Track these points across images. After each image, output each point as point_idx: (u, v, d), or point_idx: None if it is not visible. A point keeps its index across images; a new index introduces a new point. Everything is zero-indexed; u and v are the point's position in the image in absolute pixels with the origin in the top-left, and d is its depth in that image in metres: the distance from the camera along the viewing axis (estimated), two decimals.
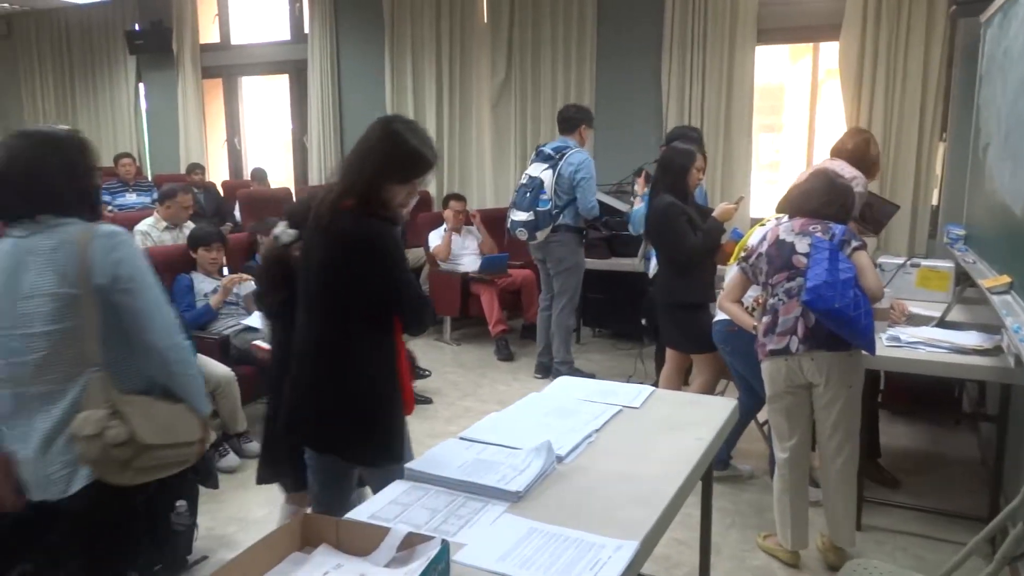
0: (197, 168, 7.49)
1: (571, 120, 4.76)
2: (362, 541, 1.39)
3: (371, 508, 1.59)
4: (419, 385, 4.65)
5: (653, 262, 3.90)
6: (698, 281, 3.49)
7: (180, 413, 1.94)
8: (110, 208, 6.57)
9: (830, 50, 5.78)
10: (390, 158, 1.95)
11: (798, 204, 2.72)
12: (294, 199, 7.29)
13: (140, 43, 9.20)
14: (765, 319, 2.68)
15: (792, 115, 6.52)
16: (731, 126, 5.97)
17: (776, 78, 6.54)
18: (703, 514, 2.23)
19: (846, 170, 3.54)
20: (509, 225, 4.77)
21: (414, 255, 6.13)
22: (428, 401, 4.51)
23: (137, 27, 9.23)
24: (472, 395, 4.68)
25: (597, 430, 1.99)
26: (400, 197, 1.99)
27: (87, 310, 1.78)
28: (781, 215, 3.16)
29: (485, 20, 6.91)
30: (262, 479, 2.65)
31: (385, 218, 1.97)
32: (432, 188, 7.37)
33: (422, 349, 5.43)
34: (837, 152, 3.72)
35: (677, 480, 1.70)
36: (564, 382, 2.41)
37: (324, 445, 2.08)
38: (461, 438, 1.94)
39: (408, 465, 1.75)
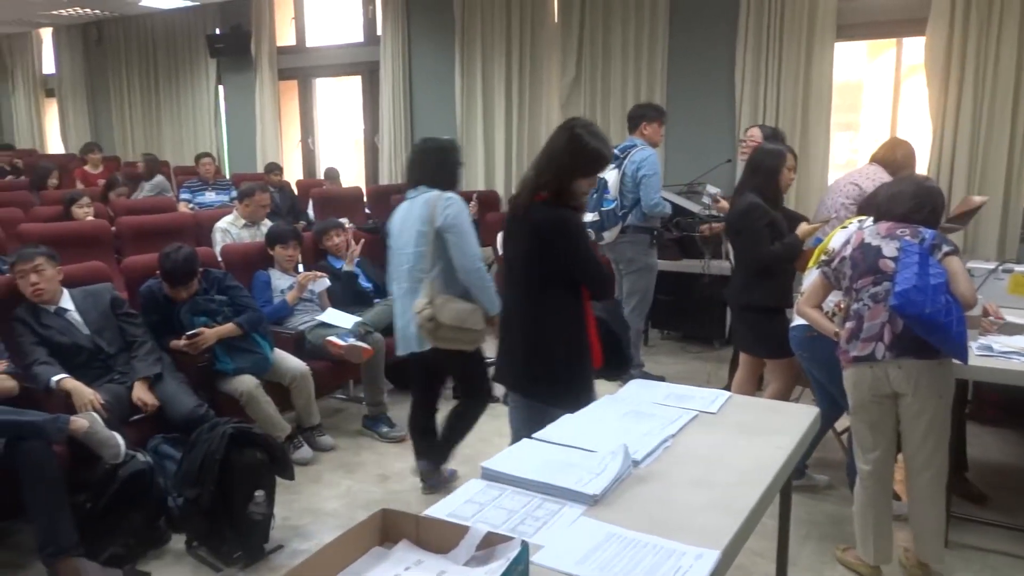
0: (275, 168, 7.69)
1: (633, 119, 4.70)
2: (441, 539, 1.40)
3: (448, 506, 1.60)
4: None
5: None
6: (776, 284, 3.39)
7: (472, 310, 3.01)
8: (191, 206, 6.81)
9: (914, 45, 5.56)
10: (575, 157, 2.38)
11: (886, 208, 2.62)
12: (365, 198, 7.42)
13: (220, 47, 9.52)
14: (849, 325, 2.59)
15: (871, 113, 6.31)
16: (808, 125, 5.81)
17: (854, 75, 6.33)
18: (780, 524, 2.18)
19: (881, 176, 3.50)
20: None
21: (483, 254, 6.15)
22: (495, 399, 4.51)
23: (218, 31, 9.56)
24: None
25: (673, 435, 1.95)
26: (584, 188, 2.46)
27: (431, 240, 3.00)
28: (863, 218, 3.06)
29: (556, 20, 6.90)
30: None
31: (573, 207, 2.45)
32: (500, 187, 7.40)
33: (489, 347, 5.43)
34: (880, 159, 3.66)
35: (758, 488, 1.66)
36: (638, 385, 2.38)
37: (526, 390, 2.57)
38: (536, 439, 1.93)
39: (484, 464, 1.76)
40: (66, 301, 3.34)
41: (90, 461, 2.83)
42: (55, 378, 3.03)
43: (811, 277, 3.10)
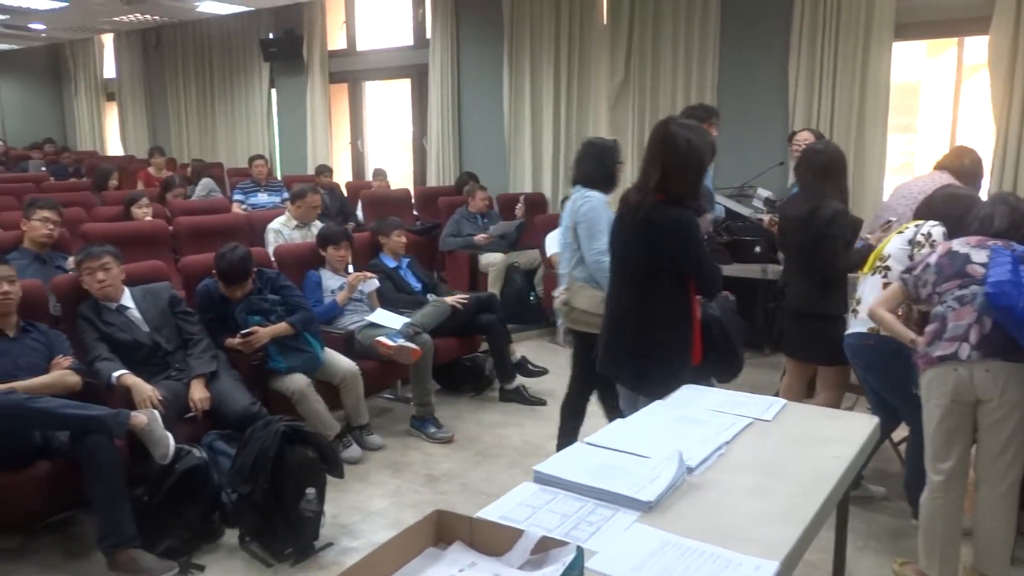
0: (325, 170, 7.80)
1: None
2: (495, 541, 1.40)
3: (500, 508, 1.60)
4: (532, 385, 4.67)
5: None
6: (838, 292, 3.29)
7: (602, 298, 3.02)
8: (244, 207, 6.96)
9: (976, 44, 5.39)
10: (679, 157, 2.45)
11: (979, 227, 2.57)
12: (413, 200, 7.49)
13: (273, 51, 9.71)
14: (931, 327, 2.52)
15: (929, 115, 6.13)
16: (864, 127, 5.68)
17: (912, 75, 6.16)
18: (837, 536, 2.13)
19: (945, 180, 3.41)
20: None
21: (528, 257, 6.17)
22: (542, 403, 4.52)
23: (271, 36, 9.75)
24: None
25: (728, 442, 1.92)
26: (697, 184, 2.53)
27: (572, 234, 3.30)
28: (919, 223, 2.98)
29: (605, 21, 6.87)
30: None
31: (688, 206, 2.51)
32: (547, 189, 7.40)
33: (535, 350, 5.45)
34: (946, 166, 3.56)
35: (817, 498, 1.63)
36: (690, 391, 2.35)
37: (632, 383, 2.68)
38: (588, 443, 1.92)
39: (536, 468, 1.75)
40: (127, 299, 3.44)
41: (148, 456, 2.90)
42: (116, 374, 3.12)
43: (869, 282, 3.03)
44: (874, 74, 5.58)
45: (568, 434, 3.46)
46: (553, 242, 5.77)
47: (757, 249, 5.06)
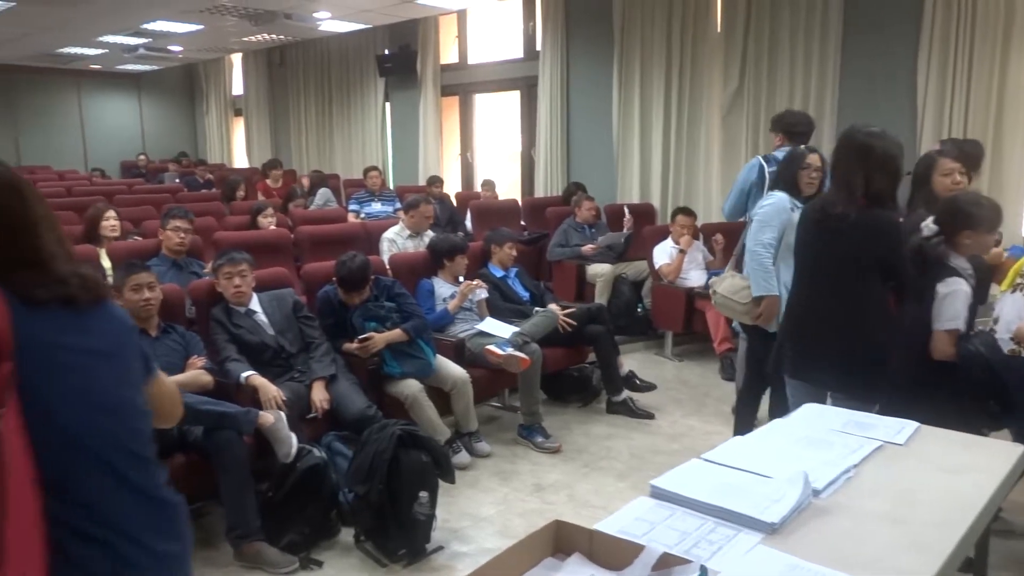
0: (436, 180, 7.99)
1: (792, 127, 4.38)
2: (614, 555, 1.40)
3: (618, 522, 1.59)
4: (640, 399, 4.61)
5: None
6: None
7: (744, 287, 3.48)
8: (361, 216, 7.22)
9: None
10: (880, 164, 2.55)
11: None
12: (521, 211, 7.56)
13: (389, 66, 10.06)
14: None
15: None
16: (1001, 136, 5.31)
17: None
18: (976, 569, 1.99)
19: None
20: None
21: (636, 268, 6.10)
22: (650, 416, 4.46)
23: (387, 51, 10.10)
24: (696, 414, 4.55)
25: (856, 465, 1.84)
26: (895, 186, 2.61)
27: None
28: None
29: (719, 29, 6.73)
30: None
31: (889, 208, 2.60)
32: (656, 200, 7.31)
33: (642, 363, 5.38)
34: None
35: (958, 529, 1.53)
36: (813, 410, 2.26)
37: (823, 381, 2.74)
38: (706, 460, 1.88)
39: (653, 483, 1.73)
40: (255, 303, 3.64)
41: (273, 453, 3.05)
42: (244, 374, 3.30)
43: (1009, 300, 2.84)
44: (1014, 79, 5.22)
45: (740, 429, 3.62)
46: (663, 253, 5.70)
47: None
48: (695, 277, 5.60)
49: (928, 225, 2.77)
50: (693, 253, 5.67)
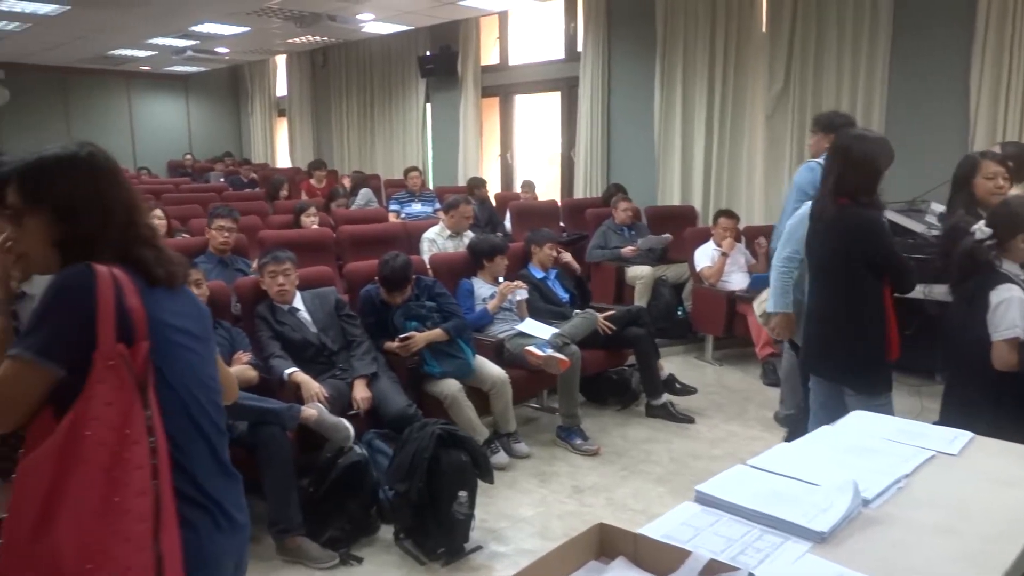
0: (480, 182, 7.99)
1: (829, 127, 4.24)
2: (660, 560, 1.38)
3: (662, 527, 1.57)
4: (680, 404, 4.57)
5: None
6: None
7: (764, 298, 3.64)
8: (402, 216, 7.28)
9: None
10: (855, 164, 2.67)
11: None
12: (560, 212, 7.55)
13: (430, 67, 10.11)
14: None
15: None
16: None
17: None
18: None
19: None
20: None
21: (676, 271, 6.04)
22: (690, 420, 4.41)
23: (428, 53, 10.16)
24: (737, 419, 4.49)
25: (907, 475, 1.79)
26: (871, 185, 2.68)
27: None
28: None
29: (764, 29, 6.64)
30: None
31: (872, 206, 2.69)
32: (697, 202, 7.24)
33: (682, 367, 5.33)
34: None
35: (1016, 543, 1.48)
36: (861, 417, 2.21)
37: (830, 375, 2.85)
38: (751, 465, 1.85)
39: (698, 488, 1.71)
40: (298, 301, 3.69)
41: (314, 449, 3.09)
42: (287, 371, 3.35)
43: None
44: None
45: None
46: (704, 256, 5.64)
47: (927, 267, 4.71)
48: (737, 280, 5.53)
49: (981, 228, 2.70)
50: (735, 256, 5.61)
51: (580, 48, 8.24)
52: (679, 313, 5.90)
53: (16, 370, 1.28)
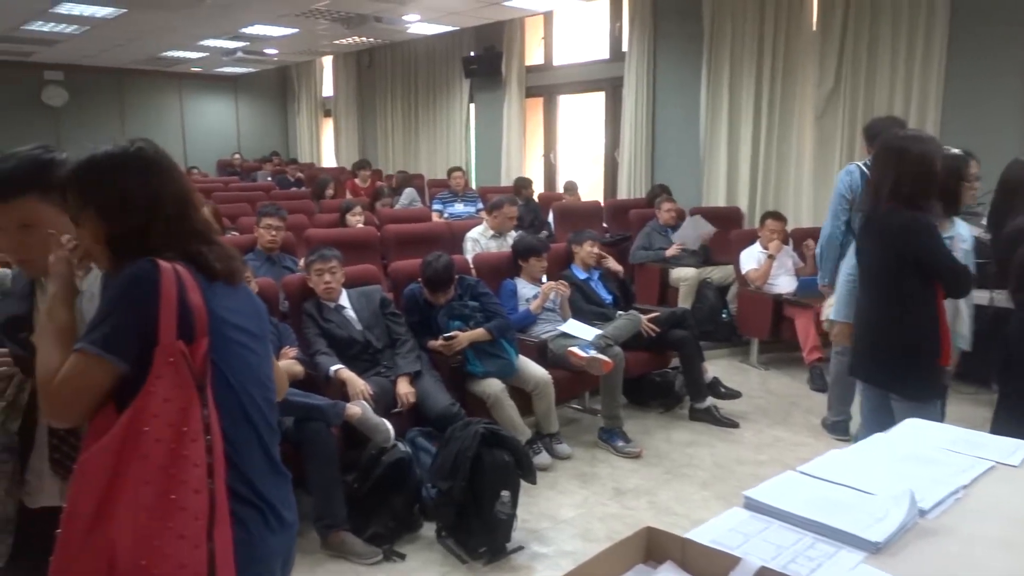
0: (526, 183, 7.96)
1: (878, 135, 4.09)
2: (709, 566, 1.36)
3: (710, 532, 1.55)
4: (724, 407, 4.50)
5: None
6: None
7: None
8: (444, 216, 7.32)
9: None
10: (913, 166, 2.57)
11: None
12: (603, 212, 7.50)
13: (474, 67, 10.15)
14: None
15: None
16: None
17: None
18: None
19: None
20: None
21: (722, 273, 5.96)
22: (735, 425, 4.35)
23: (472, 53, 10.20)
24: (782, 424, 4.41)
25: (965, 486, 1.73)
26: (928, 188, 2.59)
27: None
28: None
29: (814, 27, 6.52)
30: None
31: (922, 209, 2.59)
32: (743, 203, 7.13)
33: (726, 370, 5.26)
34: None
35: None
36: (916, 425, 2.15)
37: (877, 381, 2.79)
38: (802, 472, 1.81)
39: (747, 493, 1.68)
40: (344, 299, 3.73)
41: (359, 446, 3.13)
42: (333, 368, 3.39)
43: None
44: None
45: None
46: (750, 258, 5.55)
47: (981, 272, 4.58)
48: (784, 283, 5.43)
49: None
50: (782, 259, 5.51)
51: (625, 48, 8.18)
52: (723, 316, 5.83)
53: (81, 364, 1.30)
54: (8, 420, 1.50)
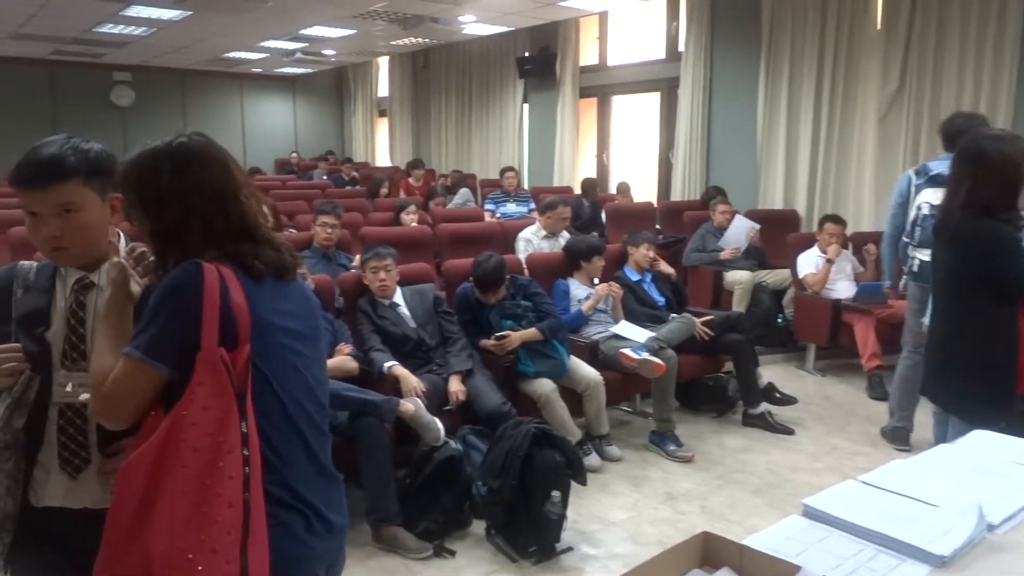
0: (594, 183, 7.81)
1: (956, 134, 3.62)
2: (767, 574, 1.34)
3: (768, 539, 1.52)
4: (779, 414, 4.42)
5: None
6: None
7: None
8: (496, 215, 7.34)
9: None
10: (992, 170, 2.35)
11: None
12: (656, 214, 7.43)
13: (528, 68, 10.17)
14: None
15: None
16: None
17: None
18: None
19: None
20: (908, 262, 3.94)
21: (778, 276, 5.85)
22: (789, 432, 4.26)
23: (527, 54, 10.21)
24: (839, 432, 4.31)
25: None
26: (1012, 195, 2.37)
27: None
28: None
29: (879, 26, 6.35)
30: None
31: (1003, 220, 2.38)
32: (801, 207, 6.99)
33: (781, 376, 5.16)
34: None
35: None
36: (983, 437, 2.08)
37: (940, 402, 2.66)
38: (863, 482, 1.77)
39: (806, 502, 1.65)
40: (398, 297, 3.77)
41: (411, 442, 3.16)
42: (387, 364, 3.44)
43: None
44: None
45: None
46: (808, 262, 5.44)
47: None
48: (842, 288, 5.30)
49: None
50: (841, 263, 5.37)
51: (681, 48, 8.09)
52: (779, 320, 5.72)
53: (127, 368, 1.30)
54: (13, 416, 1.48)
